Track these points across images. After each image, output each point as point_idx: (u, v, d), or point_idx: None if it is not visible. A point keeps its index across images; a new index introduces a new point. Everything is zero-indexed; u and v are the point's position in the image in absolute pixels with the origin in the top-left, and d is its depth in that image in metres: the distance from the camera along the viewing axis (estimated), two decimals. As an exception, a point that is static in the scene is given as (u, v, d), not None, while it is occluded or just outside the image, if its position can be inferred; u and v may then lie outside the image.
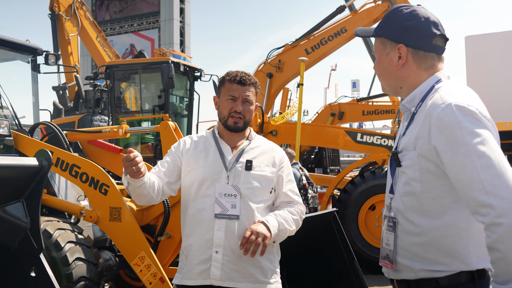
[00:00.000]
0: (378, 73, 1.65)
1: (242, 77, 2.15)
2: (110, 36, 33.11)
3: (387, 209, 1.63)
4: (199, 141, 2.24)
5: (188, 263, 2.12)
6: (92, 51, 11.17)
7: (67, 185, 4.11)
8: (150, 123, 8.50)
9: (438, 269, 1.47)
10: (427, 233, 1.49)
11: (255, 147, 2.21)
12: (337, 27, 8.58)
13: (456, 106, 1.41)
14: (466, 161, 1.35)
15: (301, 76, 5.96)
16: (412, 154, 1.50)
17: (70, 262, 3.35)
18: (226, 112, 2.16)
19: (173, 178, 2.20)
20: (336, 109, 10.28)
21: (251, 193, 2.11)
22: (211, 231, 2.06)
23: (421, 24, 1.54)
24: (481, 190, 1.32)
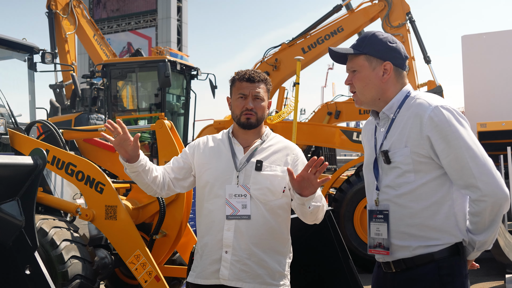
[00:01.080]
0: (361, 86, 1.88)
1: (250, 75, 2.19)
2: (107, 35, 33.04)
3: (374, 204, 1.86)
4: (214, 142, 2.26)
5: (202, 263, 2.14)
6: (89, 49, 11.14)
7: (63, 183, 4.11)
8: (147, 121, 8.50)
9: (432, 244, 1.75)
10: (420, 214, 1.76)
11: (268, 147, 2.20)
12: (333, 26, 8.57)
13: (442, 107, 1.76)
14: (457, 152, 1.71)
15: (297, 75, 5.95)
16: (404, 151, 1.78)
17: (65, 260, 3.36)
18: (238, 111, 2.18)
19: (180, 175, 2.23)
20: (333, 108, 10.23)
21: (261, 193, 2.11)
22: (221, 231, 2.08)
23: (400, 47, 1.90)
24: (470, 175, 1.70)
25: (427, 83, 8.85)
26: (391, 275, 1.82)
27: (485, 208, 1.69)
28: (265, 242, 2.09)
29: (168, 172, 2.22)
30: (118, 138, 2.03)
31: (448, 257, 1.75)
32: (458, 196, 1.79)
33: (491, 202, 1.69)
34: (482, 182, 1.69)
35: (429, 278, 1.74)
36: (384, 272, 1.85)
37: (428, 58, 8.50)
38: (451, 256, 1.76)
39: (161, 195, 2.23)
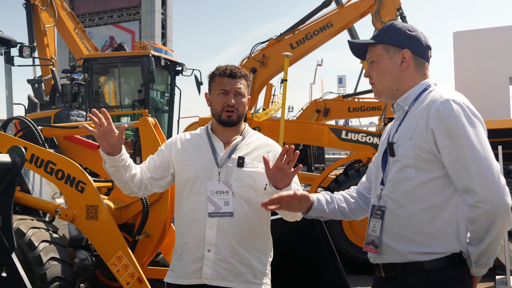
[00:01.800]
0: (378, 75, 1.82)
1: (232, 70, 2.15)
2: (89, 28, 32.55)
3: (376, 199, 1.76)
4: (192, 138, 2.23)
5: (182, 262, 2.10)
6: (70, 43, 10.90)
7: (42, 182, 4.01)
8: (130, 118, 8.37)
9: (424, 251, 1.62)
10: (417, 215, 1.64)
11: (249, 143, 2.19)
12: (323, 21, 8.52)
13: (453, 101, 1.63)
14: (460, 151, 1.58)
15: (285, 71, 5.89)
16: (408, 144, 1.67)
17: (44, 262, 3.29)
18: (219, 107, 2.14)
19: (157, 175, 2.20)
20: (322, 105, 10.20)
21: (243, 190, 2.09)
22: (203, 229, 2.06)
23: (421, 36, 1.80)
24: (469, 177, 1.57)
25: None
26: (382, 281, 1.74)
27: (479, 216, 1.55)
28: (248, 240, 2.07)
29: (144, 172, 2.18)
30: (102, 129, 1.98)
31: (441, 269, 1.61)
32: (463, 202, 1.63)
33: (486, 210, 1.54)
34: (479, 186, 1.55)
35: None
36: (377, 276, 1.79)
37: None
38: (445, 268, 1.61)
39: (138, 194, 2.18)
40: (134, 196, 3.66)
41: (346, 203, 1.96)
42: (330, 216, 1.93)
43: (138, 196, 2.27)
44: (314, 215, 1.92)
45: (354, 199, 1.98)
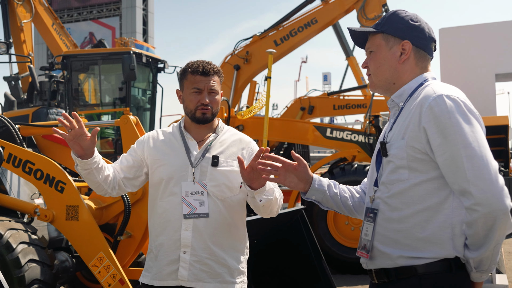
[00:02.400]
0: (375, 67, 1.71)
1: (204, 67, 2.11)
2: (68, 24, 32.02)
3: (369, 201, 1.68)
4: (165, 137, 2.18)
5: (158, 263, 2.08)
6: (48, 39, 10.66)
7: (20, 182, 3.91)
8: (111, 117, 8.24)
9: (417, 256, 1.53)
10: (409, 219, 1.55)
11: (223, 140, 2.16)
12: (307, 17, 8.49)
13: (447, 96, 1.52)
14: (454, 149, 1.47)
15: (269, 69, 5.85)
16: (400, 143, 1.57)
17: (22, 264, 3.21)
18: (192, 106, 2.11)
19: (130, 174, 2.16)
20: (306, 103, 10.15)
21: (218, 190, 2.07)
22: (179, 231, 2.03)
23: (425, 27, 1.69)
24: (464, 178, 1.46)
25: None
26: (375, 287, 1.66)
27: (476, 219, 1.45)
28: (224, 240, 2.06)
29: (117, 171, 2.14)
30: (73, 132, 1.95)
31: (435, 273, 1.51)
32: (459, 205, 1.52)
33: (483, 213, 1.43)
34: (476, 187, 1.44)
35: None
36: (371, 282, 1.68)
37: None
38: (440, 273, 1.51)
39: (111, 194, 2.15)
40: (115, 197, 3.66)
41: (350, 195, 1.86)
42: (330, 202, 1.82)
43: (112, 196, 2.22)
44: (313, 197, 1.82)
45: (359, 194, 1.88)
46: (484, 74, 13.35)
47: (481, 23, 14.04)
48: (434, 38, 1.72)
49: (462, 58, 13.51)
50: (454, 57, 13.70)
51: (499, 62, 13.45)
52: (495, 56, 13.43)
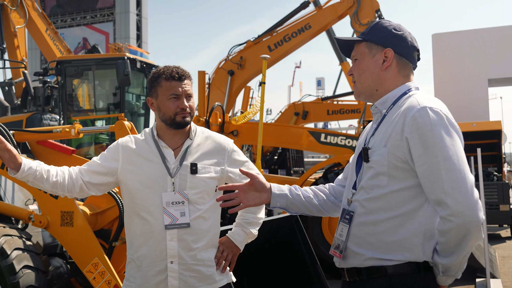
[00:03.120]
0: (359, 73, 1.77)
1: (179, 73, 2.09)
2: (61, 29, 31.94)
3: (347, 203, 1.73)
4: (139, 144, 2.13)
5: (142, 274, 2.06)
6: (41, 44, 10.63)
7: (14, 188, 3.89)
8: (105, 122, 8.21)
9: (388, 258, 1.60)
10: (384, 223, 1.61)
11: (197, 146, 2.13)
12: (301, 23, 8.53)
13: (430, 109, 1.57)
14: (433, 161, 1.53)
15: (263, 74, 5.86)
16: (382, 151, 1.62)
17: (17, 271, 3.21)
18: (171, 112, 2.06)
19: (96, 180, 2.11)
20: (300, 108, 10.16)
21: (199, 197, 2.07)
22: (164, 241, 2.02)
23: (407, 36, 1.74)
24: (441, 189, 1.51)
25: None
26: (346, 285, 1.72)
27: (450, 229, 1.51)
28: (208, 242, 2.08)
29: (82, 174, 2.11)
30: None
31: (404, 274, 1.58)
32: (433, 213, 1.59)
33: (457, 224, 1.50)
34: (452, 199, 1.50)
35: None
36: (343, 280, 1.75)
37: None
38: (409, 274, 1.58)
39: (72, 196, 2.14)
40: (110, 202, 3.65)
41: (314, 195, 1.89)
42: (296, 204, 1.85)
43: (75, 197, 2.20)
44: (278, 204, 1.84)
45: (324, 193, 1.92)
46: (477, 79, 13.46)
47: (474, 29, 14.12)
48: (417, 47, 1.76)
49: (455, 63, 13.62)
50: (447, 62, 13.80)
51: (492, 67, 13.58)
52: (488, 61, 13.55)
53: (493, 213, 8.73)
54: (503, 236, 9.81)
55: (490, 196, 8.86)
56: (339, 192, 1.93)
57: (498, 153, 10.52)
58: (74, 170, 2.12)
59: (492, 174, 9.81)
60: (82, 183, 2.09)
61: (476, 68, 13.36)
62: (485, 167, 9.45)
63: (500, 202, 8.90)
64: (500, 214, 8.90)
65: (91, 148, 7.97)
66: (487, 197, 8.66)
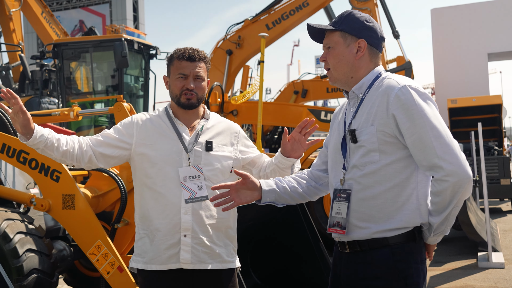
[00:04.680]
0: (334, 62, 1.88)
1: (191, 53, 2.12)
2: (57, 12, 31.55)
3: (339, 183, 1.84)
4: (154, 121, 2.17)
5: (155, 248, 2.07)
6: (37, 28, 10.52)
7: (15, 172, 3.88)
8: (104, 104, 8.18)
9: (389, 228, 1.74)
10: (382, 195, 1.74)
11: (212, 126, 2.19)
12: (299, 1, 8.41)
13: (410, 87, 1.74)
14: (422, 131, 1.69)
15: (261, 53, 5.79)
16: (370, 129, 1.76)
17: (20, 254, 3.21)
18: (178, 91, 2.12)
19: (108, 152, 2.12)
20: (299, 86, 10.10)
21: (213, 174, 2.10)
22: (178, 215, 2.04)
23: (377, 28, 1.89)
24: (434, 154, 1.68)
25: (396, 59, 8.87)
26: (345, 256, 1.83)
27: (446, 188, 1.68)
28: (221, 222, 2.10)
29: (93, 144, 2.11)
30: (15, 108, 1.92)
31: (403, 243, 1.74)
32: (423, 179, 1.77)
33: (452, 182, 1.66)
34: (445, 161, 1.67)
35: (383, 264, 1.73)
36: (340, 251, 1.86)
37: (396, 33, 8.46)
38: (406, 242, 1.74)
39: (80, 167, 2.14)
40: (112, 184, 3.64)
41: (297, 183, 2.01)
42: (283, 197, 1.96)
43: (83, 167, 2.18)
44: (268, 199, 1.95)
45: (305, 179, 2.04)
46: (477, 54, 13.33)
47: (472, 3, 13.92)
48: (384, 37, 1.93)
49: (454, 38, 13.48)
50: (446, 37, 13.65)
51: (492, 41, 13.44)
52: (487, 36, 13.41)
53: (494, 187, 8.75)
54: (504, 210, 9.86)
55: (491, 171, 8.87)
56: (317, 177, 2.05)
57: (498, 128, 10.49)
58: (84, 140, 2.12)
59: (492, 148, 9.80)
60: (92, 154, 2.09)
61: (476, 42, 13.22)
62: (486, 142, 9.43)
63: (501, 176, 8.92)
64: (501, 188, 8.93)
65: (90, 131, 7.95)
66: (488, 172, 8.67)
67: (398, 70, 8.22)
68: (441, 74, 13.07)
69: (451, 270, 5.38)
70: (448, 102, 10.27)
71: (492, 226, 6.28)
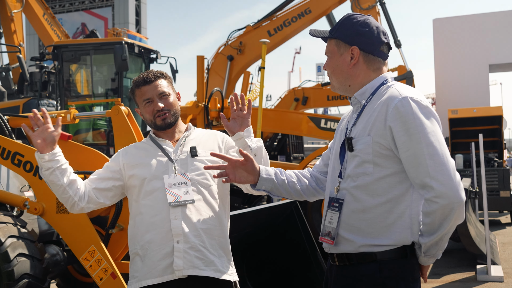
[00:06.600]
0: (330, 71, 1.84)
1: (145, 77, 2.16)
2: (59, 14, 31.64)
3: (334, 191, 1.79)
4: (138, 146, 2.25)
5: (148, 262, 2.03)
6: (39, 29, 10.52)
7: (9, 174, 3.84)
8: (103, 108, 8.14)
9: (378, 243, 1.68)
10: (373, 209, 1.68)
11: (195, 137, 2.21)
12: (301, 8, 8.43)
13: (411, 99, 1.66)
14: (417, 147, 1.61)
15: (262, 59, 5.78)
16: (366, 139, 1.69)
17: (11, 259, 3.15)
18: (150, 116, 2.15)
19: (102, 185, 2.16)
20: (300, 94, 10.10)
21: (202, 178, 2.09)
22: (168, 222, 2.01)
23: (373, 32, 1.79)
24: (426, 173, 1.60)
25: (398, 68, 8.84)
26: (335, 269, 1.79)
27: (435, 210, 1.60)
28: (213, 228, 2.06)
29: (89, 184, 2.15)
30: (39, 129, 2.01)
31: (392, 260, 1.67)
32: (417, 197, 1.69)
33: (442, 204, 1.59)
34: (436, 181, 1.59)
35: (371, 280, 1.67)
36: (331, 264, 1.82)
37: (398, 42, 8.44)
38: (396, 259, 1.67)
39: (80, 205, 2.13)
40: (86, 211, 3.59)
41: (297, 180, 1.98)
42: (279, 190, 1.93)
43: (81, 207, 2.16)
44: (263, 187, 1.92)
45: (307, 179, 2.01)
46: (478, 65, 13.34)
47: (474, 13, 13.94)
48: (384, 40, 1.80)
49: (455, 48, 13.49)
50: (447, 47, 13.66)
51: (493, 52, 13.45)
52: (488, 47, 13.42)
53: (494, 199, 8.71)
54: (503, 222, 9.80)
55: (491, 182, 8.83)
56: (318, 179, 2.01)
57: (498, 139, 10.46)
58: (84, 181, 2.17)
59: (492, 160, 9.76)
60: (91, 192, 2.13)
61: (477, 53, 13.24)
62: (486, 153, 9.40)
63: (501, 188, 8.89)
64: (501, 200, 8.89)
65: (89, 134, 7.91)
66: (488, 183, 8.63)
67: (399, 79, 8.20)
68: (442, 84, 13.07)
69: (450, 283, 5.32)
70: (449, 113, 10.26)
71: (491, 239, 6.22)
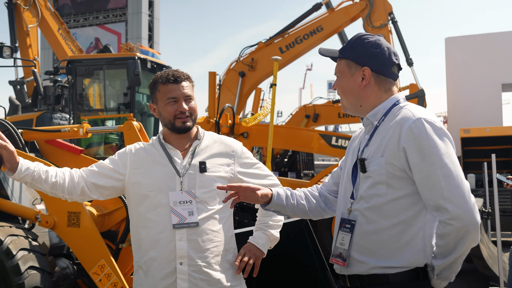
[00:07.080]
0: (341, 91, 1.84)
1: (175, 75, 2.06)
2: (74, 29, 32.20)
3: (346, 212, 1.78)
4: (147, 149, 2.13)
5: (150, 279, 2.01)
6: (53, 44, 10.70)
7: (22, 187, 3.87)
8: (115, 122, 8.21)
9: (390, 265, 1.66)
10: (386, 231, 1.67)
11: (206, 147, 2.11)
12: (313, 25, 8.49)
13: (425, 120, 1.65)
14: (431, 169, 1.61)
15: (274, 76, 5.81)
16: (379, 160, 1.69)
17: (22, 271, 3.16)
18: (171, 116, 2.05)
19: (101, 182, 2.08)
20: (311, 110, 10.12)
21: (209, 196, 2.03)
22: (173, 242, 1.98)
23: (384, 53, 1.79)
24: (440, 195, 1.59)
25: (409, 86, 8.84)
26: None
27: (450, 232, 1.59)
28: (219, 246, 2.03)
29: (86, 175, 2.07)
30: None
31: (404, 282, 1.65)
32: (431, 219, 1.68)
33: (456, 227, 1.58)
34: (451, 204, 1.58)
35: None
36: (342, 285, 1.80)
37: (410, 60, 8.45)
38: (408, 281, 1.65)
39: (72, 199, 2.08)
40: (117, 203, 3.62)
41: (306, 201, 1.99)
42: (287, 212, 1.96)
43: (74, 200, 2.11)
44: (272, 209, 1.96)
45: (315, 199, 2.01)
46: (490, 84, 13.27)
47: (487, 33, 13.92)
48: (395, 61, 1.80)
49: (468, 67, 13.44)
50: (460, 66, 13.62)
51: (506, 71, 13.37)
52: (501, 66, 13.36)
53: (506, 219, 8.56)
54: (516, 243, 9.62)
55: (504, 203, 8.70)
56: (327, 199, 2.01)
57: (511, 159, 10.34)
58: (76, 172, 2.09)
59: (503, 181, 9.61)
60: (84, 185, 2.05)
61: (489, 72, 13.18)
62: (498, 173, 9.28)
63: (514, 209, 8.74)
64: (514, 221, 8.72)
65: (100, 148, 7.97)
66: (501, 204, 8.50)
67: (411, 97, 8.19)
68: (454, 103, 13.01)
69: (462, 305, 5.21)
70: (461, 132, 10.18)
71: (504, 260, 6.11)
